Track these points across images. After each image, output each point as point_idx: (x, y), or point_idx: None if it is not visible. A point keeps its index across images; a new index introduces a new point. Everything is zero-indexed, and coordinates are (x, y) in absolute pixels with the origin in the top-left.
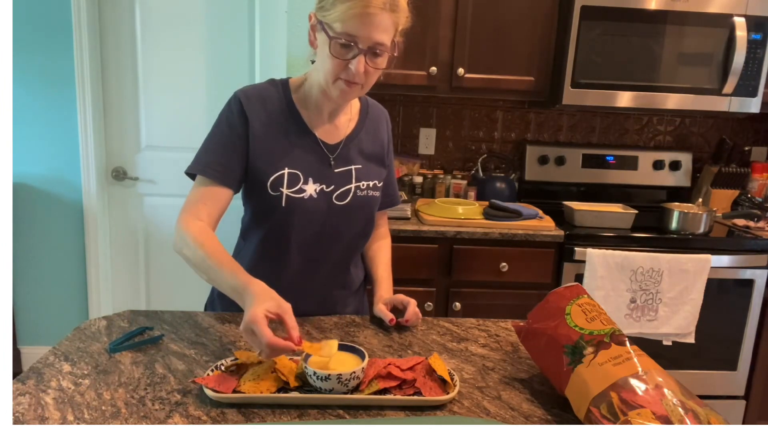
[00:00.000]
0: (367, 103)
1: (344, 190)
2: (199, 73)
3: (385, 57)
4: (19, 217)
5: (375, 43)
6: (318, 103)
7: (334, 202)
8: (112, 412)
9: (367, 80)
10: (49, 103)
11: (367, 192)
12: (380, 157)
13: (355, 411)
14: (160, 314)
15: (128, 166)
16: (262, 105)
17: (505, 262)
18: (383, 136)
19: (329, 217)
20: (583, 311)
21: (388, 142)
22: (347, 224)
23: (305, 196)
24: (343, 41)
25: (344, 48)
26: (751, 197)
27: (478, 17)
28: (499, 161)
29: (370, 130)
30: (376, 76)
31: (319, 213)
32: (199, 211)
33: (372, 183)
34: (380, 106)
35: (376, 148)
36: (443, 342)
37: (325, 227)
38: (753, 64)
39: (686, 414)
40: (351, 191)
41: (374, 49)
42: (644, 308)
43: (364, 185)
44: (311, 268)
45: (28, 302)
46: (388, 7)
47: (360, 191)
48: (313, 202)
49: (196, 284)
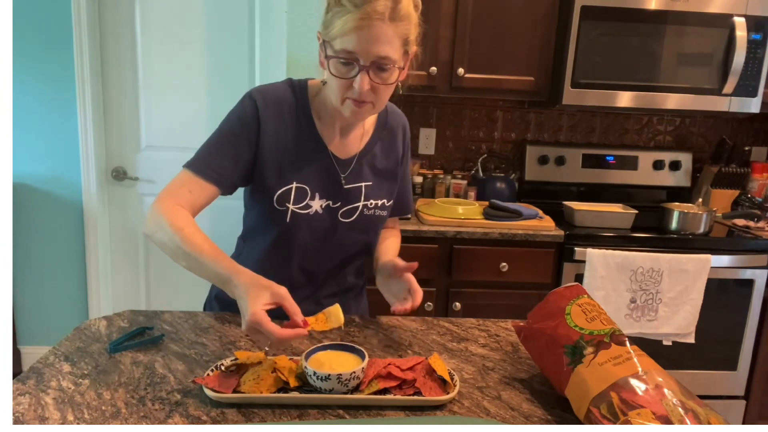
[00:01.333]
0: (386, 112)
1: (351, 207)
2: (199, 73)
3: (393, 71)
4: (19, 217)
5: (378, 58)
6: (332, 116)
7: (339, 219)
8: (112, 412)
9: (378, 97)
10: (49, 103)
11: (375, 211)
12: (393, 172)
13: (355, 411)
14: (160, 314)
15: (128, 166)
16: (278, 111)
17: (505, 262)
18: (399, 147)
19: (333, 233)
20: (583, 311)
21: (404, 152)
22: (350, 241)
23: (311, 212)
24: (343, 60)
25: (345, 66)
26: (751, 197)
27: (478, 17)
28: (499, 161)
29: (386, 143)
30: (389, 92)
31: (323, 229)
32: (181, 197)
33: (381, 202)
34: (399, 113)
35: (390, 164)
36: (443, 342)
37: (327, 243)
38: (753, 64)
39: (686, 414)
40: (358, 209)
41: (378, 64)
42: (644, 308)
43: (372, 204)
44: (310, 278)
45: (28, 302)
46: (388, 18)
47: (368, 210)
48: (318, 219)
49: (196, 284)
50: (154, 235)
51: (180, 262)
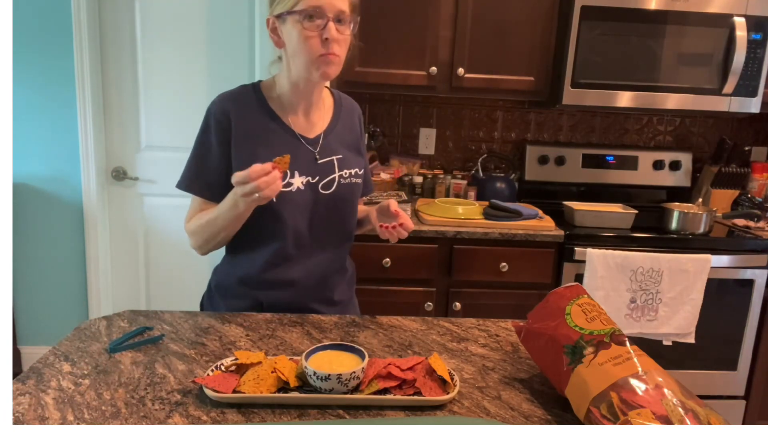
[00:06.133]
0: (340, 96)
1: (329, 179)
2: (199, 73)
3: (349, 26)
4: (19, 217)
5: (338, 11)
6: (292, 102)
7: (320, 191)
8: (112, 412)
9: (341, 51)
10: (49, 103)
11: (350, 179)
12: (357, 147)
13: (355, 411)
14: (160, 314)
15: (128, 166)
16: (240, 109)
17: (505, 262)
18: (357, 128)
19: (317, 205)
20: (583, 311)
21: (361, 134)
22: (335, 210)
23: (293, 189)
24: (311, 13)
25: (312, 22)
26: (751, 197)
27: (478, 17)
28: (499, 161)
29: (346, 122)
30: (347, 47)
31: (307, 203)
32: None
33: (353, 171)
34: (351, 100)
35: (354, 139)
36: (443, 342)
37: (314, 216)
38: (753, 64)
39: (686, 414)
40: (335, 180)
41: (339, 17)
42: (644, 308)
43: (347, 173)
44: (307, 253)
45: (28, 302)
46: None
47: (343, 179)
48: (300, 194)
49: (196, 284)
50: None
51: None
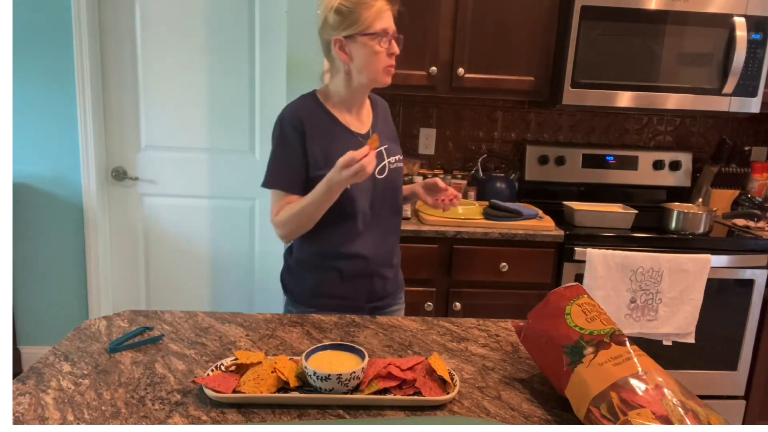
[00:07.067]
0: (374, 97)
1: (381, 166)
2: (199, 73)
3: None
4: (19, 217)
5: (394, 32)
6: (347, 105)
7: (377, 176)
8: (112, 412)
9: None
10: (49, 103)
11: (396, 164)
12: (394, 137)
13: (355, 411)
14: (160, 314)
15: (128, 166)
16: (309, 115)
17: (505, 262)
18: (390, 121)
19: (376, 188)
20: (583, 311)
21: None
22: (389, 191)
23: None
24: (381, 34)
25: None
26: (751, 197)
27: (478, 17)
28: (499, 161)
29: (383, 118)
30: None
31: (369, 187)
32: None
33: (397, 157)
34: (380, 97)
35: (390, 130)
36: (443, 342)
37: (375, 197)
38: (753, 64)
39: (686, 414)
40: (386, 167)
41: (394, 37)
42: (644, 308)
43: (393, 160)
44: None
45: (28, 302)
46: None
47: (391, 165)
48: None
49: (196, 284)
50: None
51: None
